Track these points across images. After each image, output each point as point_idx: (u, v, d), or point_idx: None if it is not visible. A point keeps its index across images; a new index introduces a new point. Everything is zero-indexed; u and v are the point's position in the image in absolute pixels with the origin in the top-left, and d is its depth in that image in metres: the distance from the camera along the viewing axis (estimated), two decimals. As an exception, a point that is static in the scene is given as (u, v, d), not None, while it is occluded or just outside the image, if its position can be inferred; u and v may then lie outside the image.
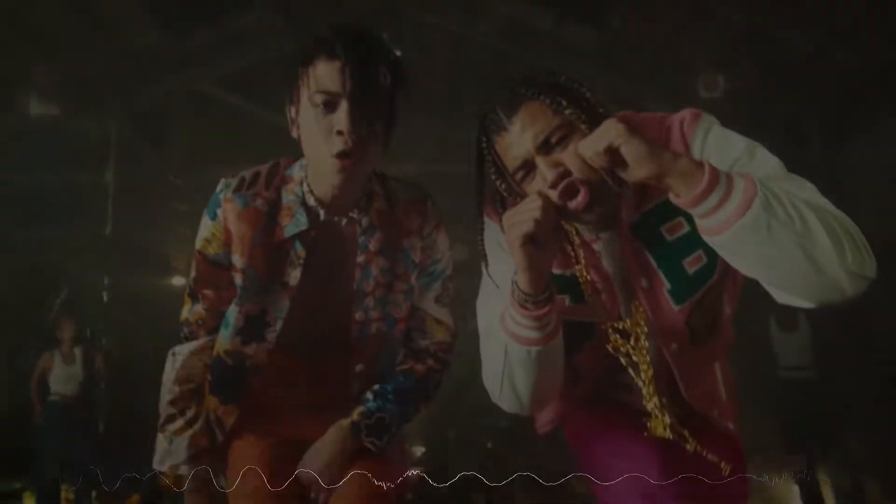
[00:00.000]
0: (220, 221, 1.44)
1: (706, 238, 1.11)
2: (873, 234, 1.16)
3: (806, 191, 1.12)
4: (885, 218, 4.21)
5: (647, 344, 1.31)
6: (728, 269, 1.29)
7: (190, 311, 1.54)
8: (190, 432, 1.49)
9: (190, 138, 7.45)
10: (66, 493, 5.22)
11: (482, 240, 1.37)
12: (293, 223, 1.43)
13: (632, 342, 1.31)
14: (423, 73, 7.41)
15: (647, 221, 1.31)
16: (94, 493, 5.22)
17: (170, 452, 1.48)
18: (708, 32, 6.12)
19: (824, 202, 1.10)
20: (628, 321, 1.32)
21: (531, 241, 1.16)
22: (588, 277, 1.34)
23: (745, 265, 1.12)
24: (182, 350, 1.53)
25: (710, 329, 1.40)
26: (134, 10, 6.36)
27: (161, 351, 1.56)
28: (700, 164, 1.07)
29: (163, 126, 7.56)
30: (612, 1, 6.29)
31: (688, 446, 1.28)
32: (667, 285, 1.32)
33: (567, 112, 1.22)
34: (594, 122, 1.18)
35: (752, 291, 1.28)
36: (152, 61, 6.99)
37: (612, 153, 1.09)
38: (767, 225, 1.03)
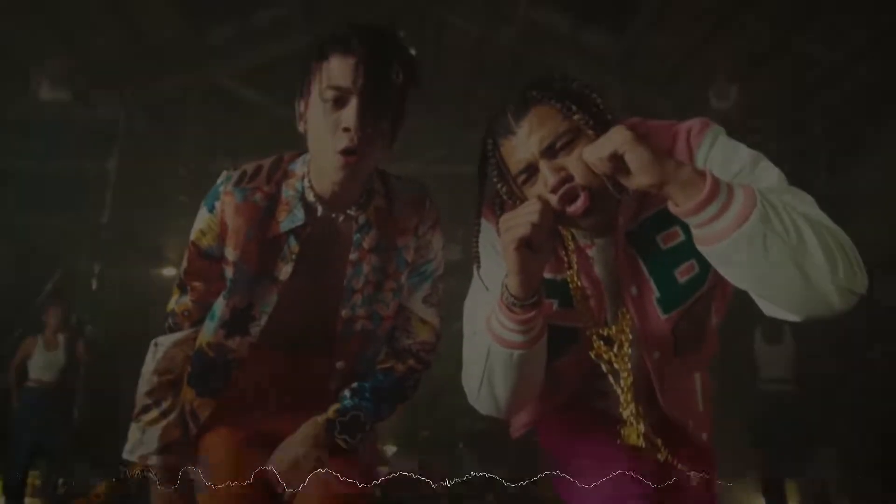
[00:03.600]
0: (217, 214, 1.44)
1: (701, 248, 1.12)
2: (872, 250, 1.17)
3: (805, 204, 1.13)
4: (885, 235, 4.24)
5: (629, 351, 1.31)
6: (719, 280, 1.30)
7: (177, 302, 1.53)
8: (163, 423, 1.48)
9: (201, 131, 7.43)
10: (32, 479, 5.16)
11: (477, 241, 1.37)
12: (289, 218, 1.42)
13: (615, 349, 1.31)
14: (441, 74, 7.41)
15: (643, 229, 1.31)
16: (60, 481, 5.17)
17: (141, 443, 1.47)
18: (728, 44, 6.12)
19: (822, 216, 1.11)
20: (613, 328, 1.33)
21: (526, 245, 1.16)
22: (578, 283, 1.34)
23: (736, 276, 1.13)
24: (165, 341, 1.52)
25: (695, 339, 1.40)
26: (156, 2, 6.32)
27: (145, 341, 1.55)
28: (702, 175, 1.07)
29: (174, 118, 7.53)
30: (633, 8, 6.28)
31: (659, 456, 1.28)
32: (656, 293, 1.32)
33: (576, 117, 1.22)
34: (602, 128, 1.19)
35: (740, 302, 1.28)
36: (171, 53, 6.96)
37: (616, 160, 1.09)
38: (763, 237, 1.03)
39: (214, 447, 1.47)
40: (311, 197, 1.42)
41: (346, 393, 1.49)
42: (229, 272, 1.45)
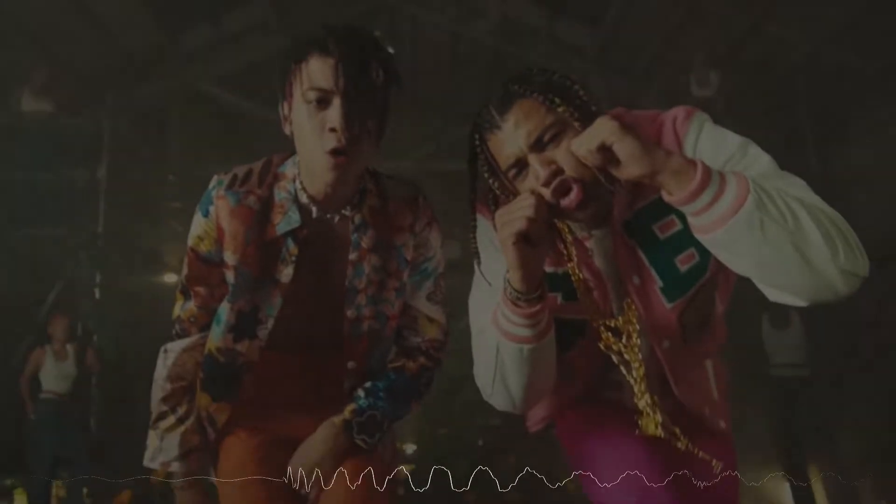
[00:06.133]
0: (213, 219, 1.44)
1: (698, 236, 1.12)
2: (867, 233, 1.16)
3: (798, 188, 1.13)
4: (879, 217, 4.23)
5: (638, 342, 1.30)
6: (721, 268, 1.29)
7: (182, 309, 1.53)
8: (181, 429, 1.49)
9: (186, 136, 7.46)
10: (57, 490, 5.20)
11: (474, 237, 1.37)
12: (285, 220, 1.42)
13: (624, 340, 1.31)
14: (419, 72, 7.44)
15: (639, 219, 1.31)
16: (85, 491, 5.20)
17: (161, 449, 1.48)
18: (705, 31, 6.13)
19: (816, 200, 1.11)
20: (620, 319, 1.32)
21: (523, 240, 1.15)
22: (580, 275, 1.34)
23: (737, 263, 1.13)
24: (174, 347, 1.52)
25: (702, 327, 1.40)
26: (132, 9, 6.35)
27: (154, 348, 1.56)
28: (692, 163, 1.07)
29: (159, 124, 7.56)
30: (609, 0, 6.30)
31: (679, 444, 1.28)
32: (659, 283, 1.32)
33: (560, 110, 1.22)
34: (587, 119, 1.19)
35: (745, 289, 1.28)
36: (150, 60, 7.00)
37: (605, 151, 1.09)
38: (760, 223, 1.03)
39: (234, 451, 1.48)
40: (304, 198, 1.43)
41: (360, 393, 1.50)
42: (230, 276, 1.46)
